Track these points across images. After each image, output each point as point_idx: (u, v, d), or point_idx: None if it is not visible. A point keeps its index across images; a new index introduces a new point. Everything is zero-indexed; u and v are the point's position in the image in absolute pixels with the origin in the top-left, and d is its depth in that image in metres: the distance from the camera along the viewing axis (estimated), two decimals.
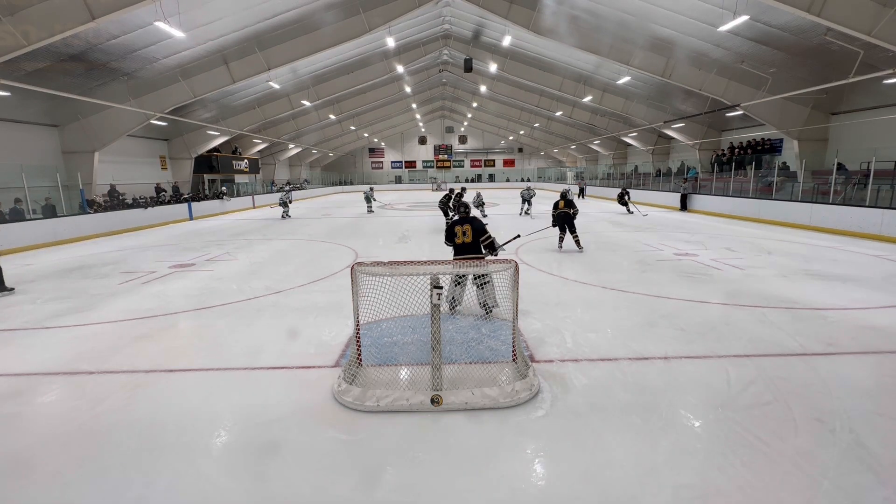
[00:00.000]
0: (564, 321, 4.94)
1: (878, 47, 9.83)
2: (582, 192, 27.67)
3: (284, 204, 18.18)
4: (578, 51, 15.75)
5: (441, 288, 3.23)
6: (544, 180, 42.68)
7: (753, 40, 12.78)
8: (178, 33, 10.50)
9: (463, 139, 44.89)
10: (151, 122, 16.06)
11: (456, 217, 5.30)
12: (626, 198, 17.55)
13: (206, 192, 23.46)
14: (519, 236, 6.24)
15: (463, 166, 46.72)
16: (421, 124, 42.80)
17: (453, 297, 4.99)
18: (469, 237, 5.00)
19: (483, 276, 4.40)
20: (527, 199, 17.52)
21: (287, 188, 19.24)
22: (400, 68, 21.52)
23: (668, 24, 13.38)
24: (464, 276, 4.85)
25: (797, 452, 2.62)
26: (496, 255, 5.14)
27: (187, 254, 9.88)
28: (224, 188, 22.63)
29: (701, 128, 21.85)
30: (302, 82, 19.94)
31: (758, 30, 12.06)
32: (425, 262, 3.45)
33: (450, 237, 5.17)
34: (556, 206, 9.10)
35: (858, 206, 11.13)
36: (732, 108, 16.24)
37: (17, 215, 11.48)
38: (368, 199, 20.04)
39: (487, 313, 4.80)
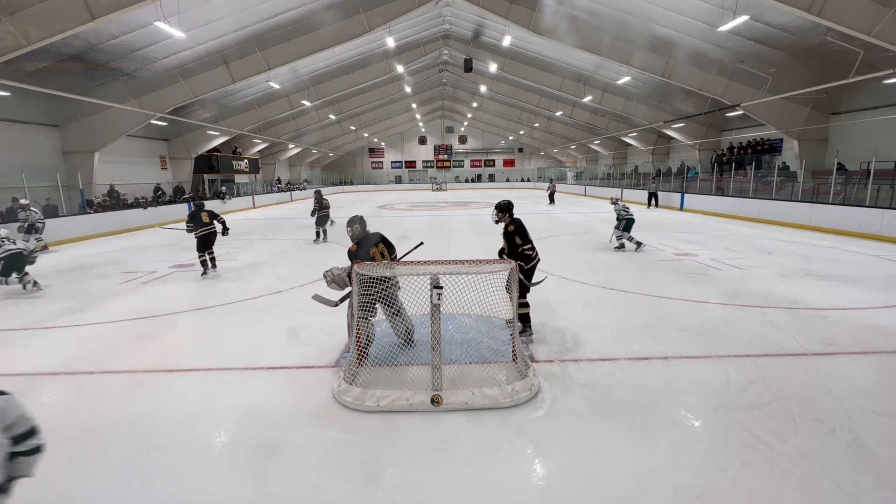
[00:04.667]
0: (564, 321, 4.94)
1: (878, 47, 9.83)
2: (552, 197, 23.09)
3: (32, 229, 10.12)
4: (578, 51, 15.75)
5: (441, 288, 3.23)
6: (544, 180, 42.71)
7: (753, 40, 12.77)
8: (178, 33, 10.50)
9: (463, 139, 44.87)
10: (151, 122, 16.06)
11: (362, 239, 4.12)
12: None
13: (207, 192, 23.47)
14: (422, 243, 5.27)
15: (463, 166, 46.71)
16: (421, 124, 42.79)
17: (406, 329, 4.07)
18: (387, 256, 4.18)
19: (392, 304, 3.87)
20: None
21: (24, 204, 10.37)
22: (400, 68, 21.51)
23: (668, 24, 13.38)
24: (397, 304, 3.99)
25: (797, 452, 2.62)
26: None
27: (187, 254, 9.87)
28: (224, 188, 22.63)
29: (701, 128, 21.86)
30: (302, 82, 19.93)
31: (758, 30, 12.06)
32: (425, 262, 3.45)
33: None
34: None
35: (858, 206, 11.13)
36: (732, 108, 16.24)
37: (13, 215, 11.39)
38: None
39: (410, 340, 4.03)
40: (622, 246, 9.37)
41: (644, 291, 6.07)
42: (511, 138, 43.44)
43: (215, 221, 7.62)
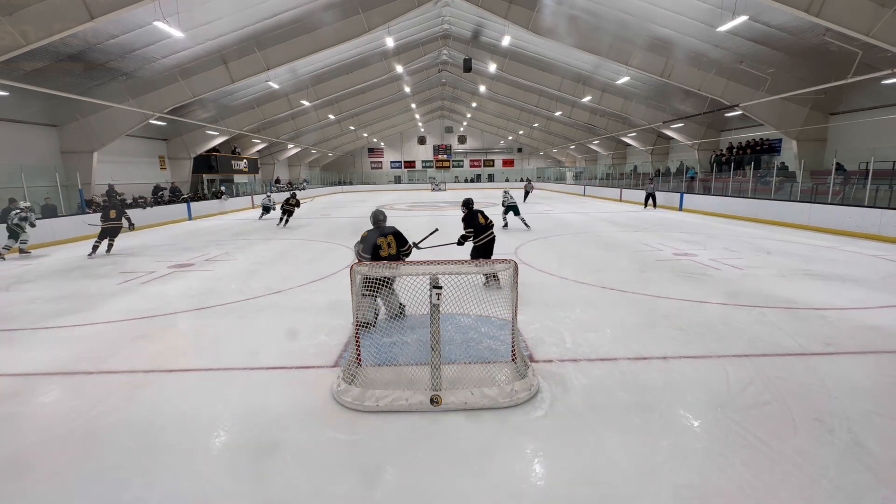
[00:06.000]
0: (564, 321, 4.93)
1: (877, 47, 9.86)
2: (526, 195, 23.75)
3: None
4: (578, 51, 15.77)
5: (440, 288, 3.23)
6: (543, 180, 42.75)
7: (752, 40, 12.80)
8: (177, 33, 10.49)
9: (462, 139, 44.88)
10: (150, 121, 16.06)
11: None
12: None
13: (206, 192, 23.46)
14: (437, 230, 5.89)
15: (462, 166, 46.74)
16: (420, 124, 42.81)
17: (400, 304, 4.52)
18: (394, 249, 4.59)
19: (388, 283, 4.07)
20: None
21: None
22: (399, 68, 21.52)
23: (668, 24, 13.40)
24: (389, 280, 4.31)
25: (797, 452, 2.63)
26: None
27: (186, 254, 9.87)
28: (223, 188, 22.62)
29: (700, 128, 21.88)
30: (301, 82, 19.93)
31: (756, 30, 12.09)
32: (425, 262, 3.45)
33: (371, 252, 4.59)
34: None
35: (857, 206, 11.15)
36: (731, 108, 16.27)
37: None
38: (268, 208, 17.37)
39: (402, 314, 4.66)
40: (506, 225, 12.43)
41: (643, 291, 6.07)
42: (510, 138, 43.47)
43: (123, 219, 9.90)
